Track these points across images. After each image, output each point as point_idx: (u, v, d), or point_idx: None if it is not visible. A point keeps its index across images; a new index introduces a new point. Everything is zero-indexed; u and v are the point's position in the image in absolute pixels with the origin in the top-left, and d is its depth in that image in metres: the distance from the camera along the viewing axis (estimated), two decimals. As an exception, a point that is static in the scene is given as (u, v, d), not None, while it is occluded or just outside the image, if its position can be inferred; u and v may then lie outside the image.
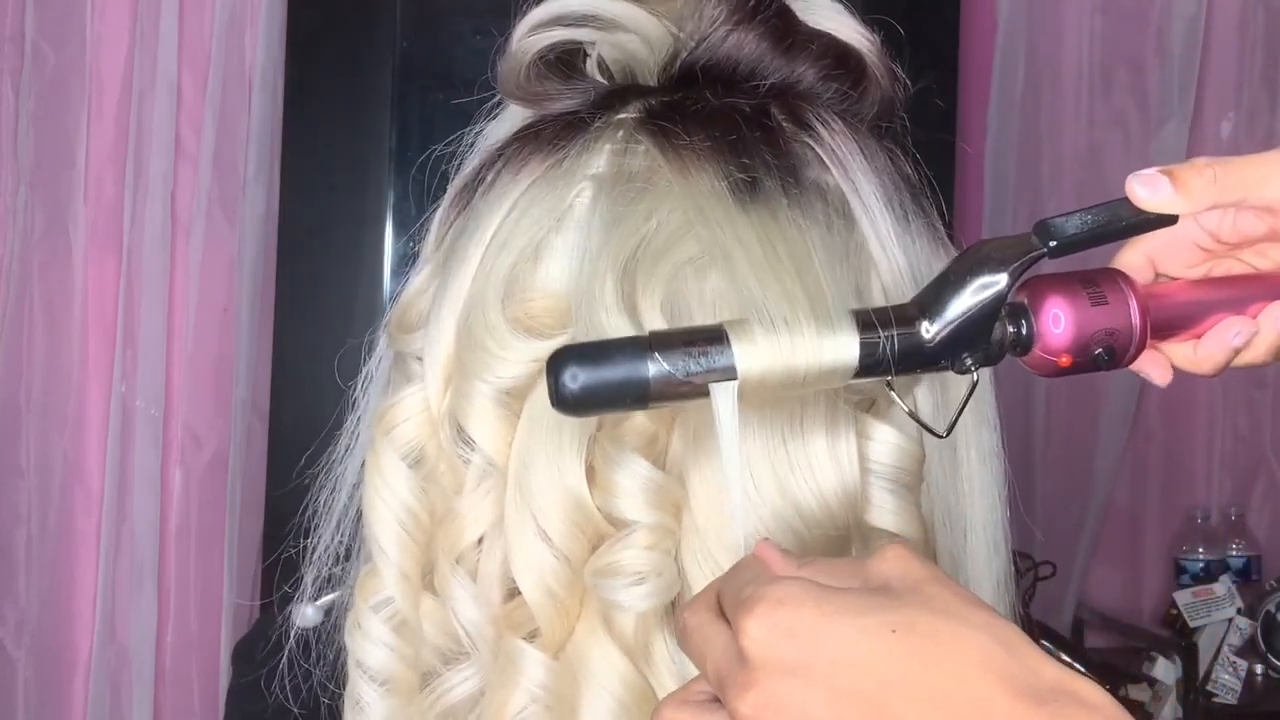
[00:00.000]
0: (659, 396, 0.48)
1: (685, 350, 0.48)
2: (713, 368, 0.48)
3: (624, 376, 0.47)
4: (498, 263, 0.56)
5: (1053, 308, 0.52)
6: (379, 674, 0.58)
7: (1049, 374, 0.53)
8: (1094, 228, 0.52)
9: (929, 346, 0.50)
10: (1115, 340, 0.52)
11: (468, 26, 1.95)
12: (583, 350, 0.48)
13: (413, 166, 0.75)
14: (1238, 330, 0.55)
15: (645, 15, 0.58)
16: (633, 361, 0.47)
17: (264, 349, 1.89)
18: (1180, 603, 2.17)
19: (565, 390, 0.47)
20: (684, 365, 0.48)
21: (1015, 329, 0.52)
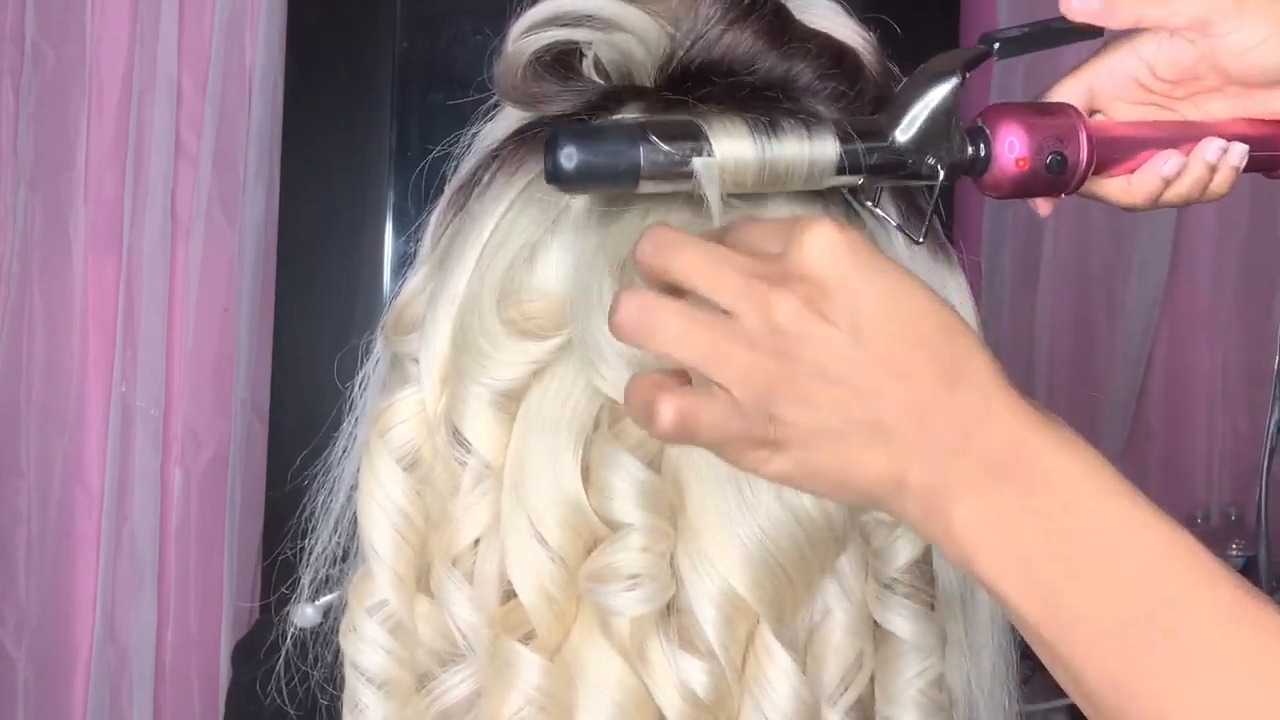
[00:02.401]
0: (650, 176, 0.51)
1: (676, 138, 0.51)
2: (698, 149, 0.51)
3: (616, 156, 0.50)
4: (493, 264, 0.56)
5: (1008, 124, 0.58)
6: (376, 676, 0.58)
7: (1006, 188, 0.59)
8: (1032, 34, 0.60)
9: (897, 146, 0.55)
10: (1065, 147, 0.58)
11: (468, 26, 1.94)
12: (578, 131, 0.51)
13: (412, 167, 0.76)
14: (1168, 160, 0.61)
15: (641, 15, 0.58)
16: (625, 143, 0.51)
17: (264, 349, 1.89)
18: (1181, 603, 2.17)
19: (562, 166, 0.50)
20: (676, 147, 0.51)
21: (974, 148, 0.58)
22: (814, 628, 0.55)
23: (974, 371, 0.46)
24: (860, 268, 0.45)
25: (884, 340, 0.45)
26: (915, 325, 0.45)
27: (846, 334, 0.45)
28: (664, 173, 0.51)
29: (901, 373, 0.45)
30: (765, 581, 0.53)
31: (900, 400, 0.45)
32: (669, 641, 0.53)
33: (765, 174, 0.52)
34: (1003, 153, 0.58)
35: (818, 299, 0.45)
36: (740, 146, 0.51)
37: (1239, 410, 2.26)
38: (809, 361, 0.45)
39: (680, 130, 0.51)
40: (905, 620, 0.56)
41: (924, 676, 0.56)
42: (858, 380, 0.45)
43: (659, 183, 0.51)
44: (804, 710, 0.53)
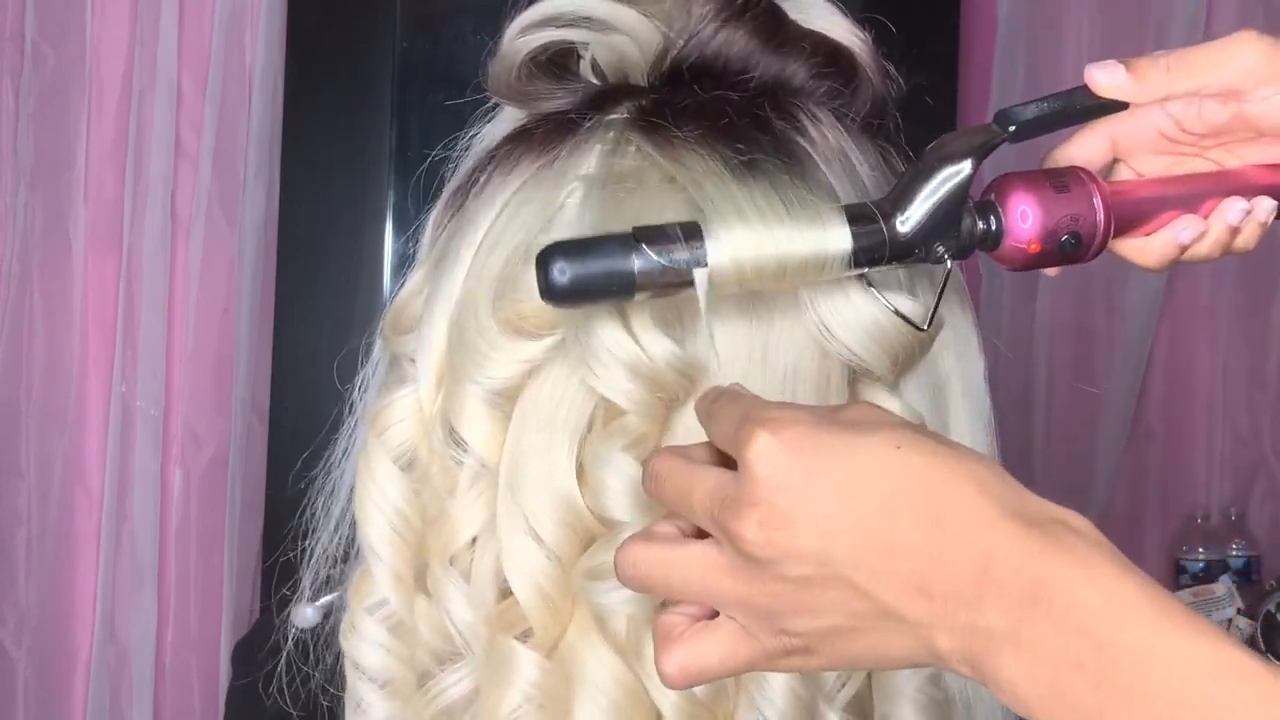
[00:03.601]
0: (645, 286, 0.49)
1: (667, 241, 0.49)
2: (694, 257, 0.49)
3: (609, 268, 0.49)
4: (489, 264, 0.57)
5: (1019, 200, 0.54)
6: (378, 675, 0.58)
7: (1019, 265, 0.55)
8: (1051, 112, 0.56)
9: (903, 238, 0.52)
10: (1081, 226, 0.54)
11: (468, 26, 1.95)
12: (569, 245, 0.50)
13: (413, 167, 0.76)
14: (1186, 227, 0.58)
15: (635, 15, 0.58)
16: (617, 254, 0.49)
17: (264, 349, 1.89)
18: (1180, 603, 2.17)
19: (555, 282, 0.49)
20: (669, 255, 0.49)
21: (985, 224, 0.54)
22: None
23: (962, 518, 0.43)
24: (808, 471, 0.44)
25: (853, 531, 0.43)
26: (883, 502, 0.43)
27: (814, 540, 0.43)
28: (661, 281, 0.49)
29: (885, 554, 0.43)
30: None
31: (896, 583, 0.43)
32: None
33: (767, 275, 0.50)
34: (1016, 226, 0.54)
35: (776, 519, 0.44)
36: (739, 246, 0.50)
37: (1239, 410, 2.26)
38: (790, 578, 0.44)
39: (675, 233, 0.50)
40: None
41: (921, 674, 0.56)
42: (844, 578, 0.43)
43: (657, 291, 0.50)
44: (800, 707, 0.53)
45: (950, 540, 0.43)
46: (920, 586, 0.43)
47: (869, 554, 0.43)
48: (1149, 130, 0.58)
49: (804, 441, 0.44)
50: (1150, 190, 0.58)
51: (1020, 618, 0.42)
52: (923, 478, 0.44)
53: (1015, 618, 0.42)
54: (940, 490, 0.43)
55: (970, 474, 0.44)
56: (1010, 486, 0.44)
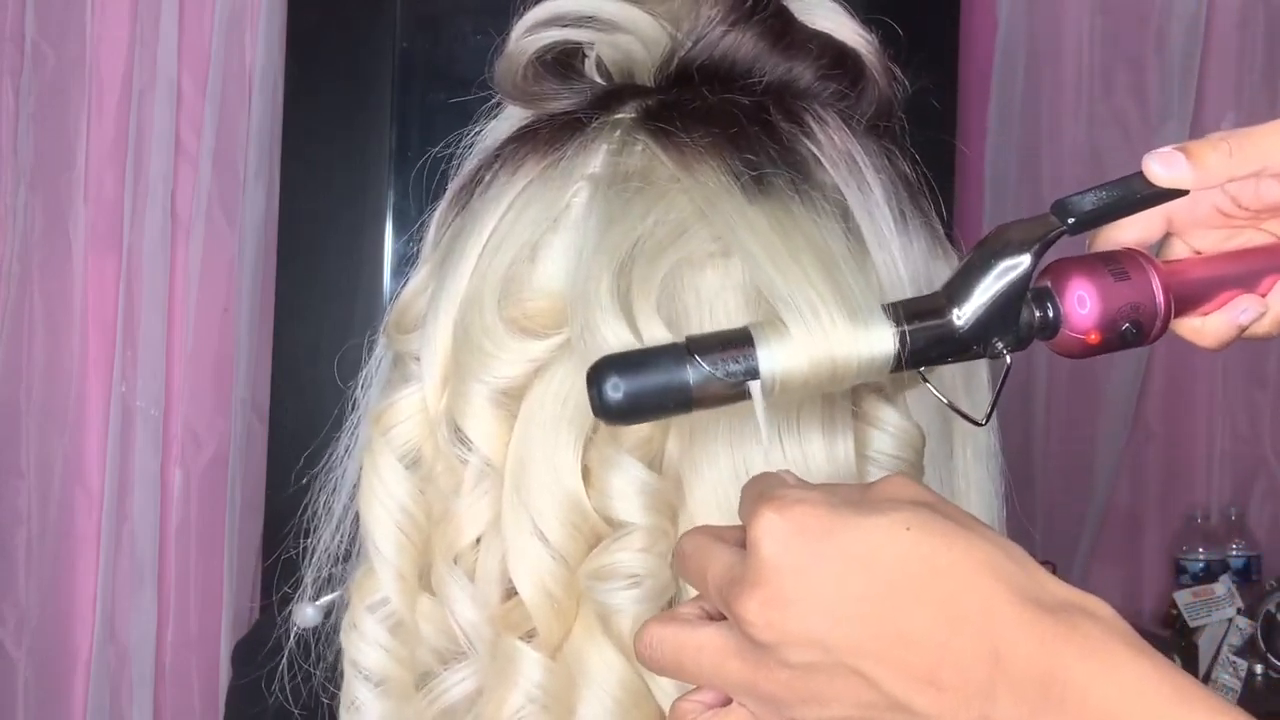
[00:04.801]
0: (702, 400, 0.48)
1: (723, 352, 0.48)
2: (751, 367, 0.48)
3: (665, 382, 0.47)
4: (494, 263, 0.56)
5: (1077, 288, 0.52)
6: (374, 674, 0.58)
7: (1078, 354, 0.53)
8: (1110, 202, 0.53)
9: (960, 334, 0.50)
10: (1141, 314, 0.52)
11: (468, 26, 1.95)
12: (622, 359, 0.48)
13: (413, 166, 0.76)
14: (1245, 308, 0.56)
15: (642, 15, 0.58)
16: (672, 366, 0.47)
17: (264, 349, 1.89)
18: (1180, 603, 2.17)
19: (609, 399, 0.47)
20: (723, 367, 0.48)
21: (1043, 312, 0.52)
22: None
23: (973, 605, 0.41)
24: (811, 550, 0.42)
25: (858, 617, 0.42)
26: (888, 585, 0.42)
27: (818, 625, 0.42)
28: (716, 395, 0.48)
29: (892, 643, 0.41)
30: (766, 580, 0.53)
31: (904, 673, 0.41)
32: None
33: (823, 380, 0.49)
34: (1074, 314, 0.52)
35: (778, 601, 0.42)
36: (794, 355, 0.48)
37: (1239, 410, 2.26)
38: (794, 664, 0.42)
39: (729, 341, 0.48)
40: None
41: None
42: (849, 665, 0.42)
43: (714, 403, 0.48)
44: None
45: (960, 628, 0.41)
46: (929, 677, 0.41)
47: (875, 641, 0.42)
48: (1206, 208, 0.56)
49: (810, 522, 0.43)
50: (1207, 270, 0.57)
51: (1034, 710, 0.40)
52: (932, 561, 0.42)
53: (1029, 710, 0.40)
54: (950, 575, 0.42)
55: (985, 558, 0.42)
56: (1027, 569, 0.43)
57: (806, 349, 0.48)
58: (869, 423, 0.55)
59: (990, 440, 0.62)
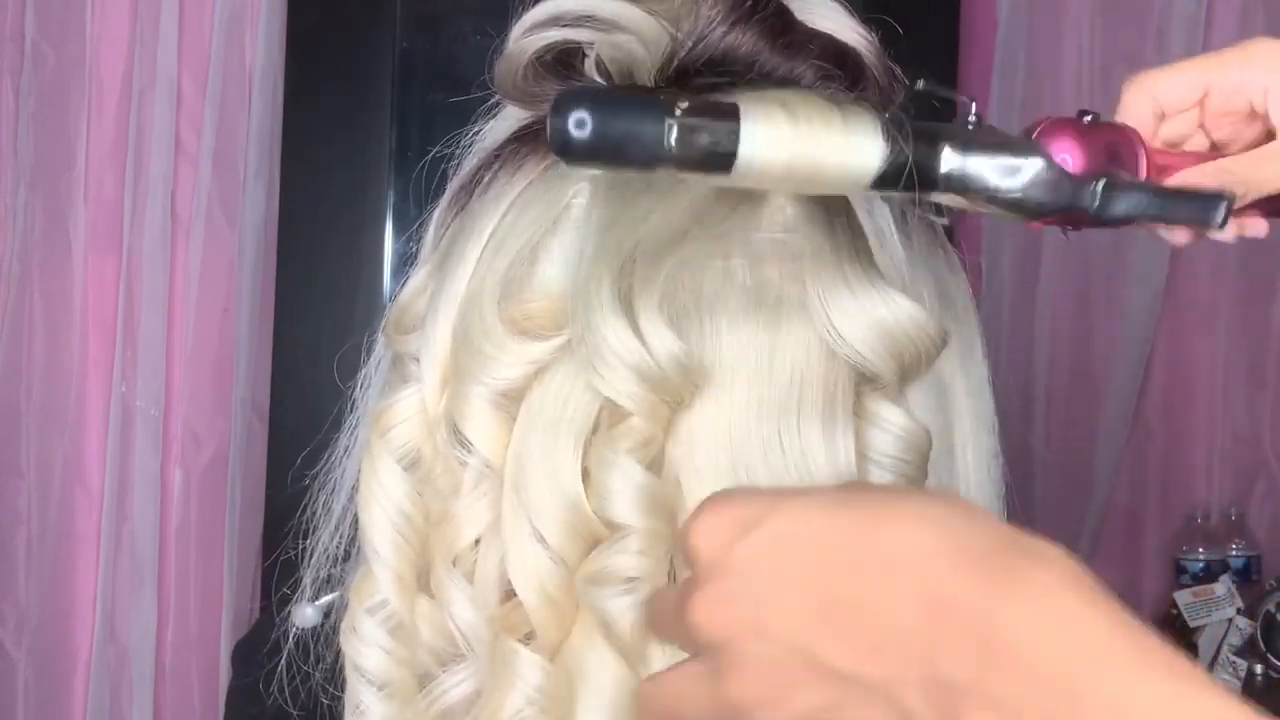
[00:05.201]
0: (670, 159, 0.44)
1: (703, 115, 0.45)
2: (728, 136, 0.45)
3: (637, 131, 0.44)
4: (494, 264, 0.56)
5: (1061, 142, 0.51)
6: (376, 677, 0.58)
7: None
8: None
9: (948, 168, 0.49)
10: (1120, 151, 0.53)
11: (468, 26, 1.94)
12: (598, 95, 0.45)
13: (412, 167, 0.75)
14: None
15: (642, 15, 0.58)
16: (647, 115, 0.44)
17: (264, 349, 1.89)
18: (1180, 603, 2.17)
19: (570, 136, 0.43)
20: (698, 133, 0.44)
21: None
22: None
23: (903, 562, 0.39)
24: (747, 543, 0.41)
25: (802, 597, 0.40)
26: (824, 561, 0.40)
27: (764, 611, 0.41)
28: (688, 158, 0.45)
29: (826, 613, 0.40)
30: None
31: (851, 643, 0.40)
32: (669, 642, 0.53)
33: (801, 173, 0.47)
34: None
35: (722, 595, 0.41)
36: (781, 137, 0.46)
37: (1239, 410, 2.26)
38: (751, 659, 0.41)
39: (712, 108, 0.45)
40: None
41: None
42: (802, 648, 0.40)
43: (680, 168, 0.45)
44: (805, 710, 0.53)
45: (894, 586, 0.39)
46: (872, 644, 0.39)
47: (808, 616, 0.40)
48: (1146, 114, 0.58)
49: (739, 510, 0.42)
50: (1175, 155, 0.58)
51: (981, 667, 0.37)
52: (858, 521, 0.40)
53: (975, 668, 0.37)
54: (881, 535, 0.40)
55: (917, 512, 0.40)
56: (968, 519, 0.40)
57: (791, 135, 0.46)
58: (871, 422, 0.55)
59: (991, 441, 0.62)
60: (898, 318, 0.54)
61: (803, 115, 0.46)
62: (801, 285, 0.54)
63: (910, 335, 0.54)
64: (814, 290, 0.54)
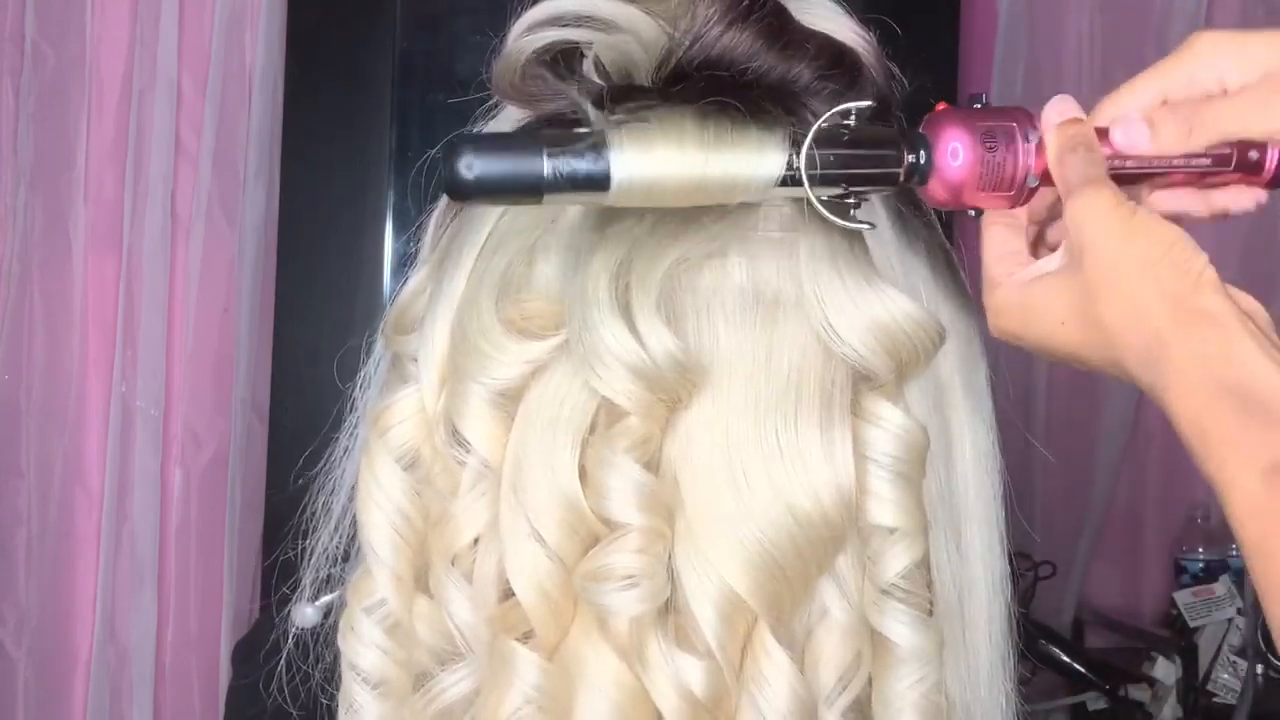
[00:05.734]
0: (552, 189, 0.50)
1: (575, 151, 0.50)
2: (599, 167, 0.50)
3: (517, 170, 0.50)
4: (492, 264, 0.56)
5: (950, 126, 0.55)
6: (372, 676, 0.58)
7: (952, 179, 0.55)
8: None
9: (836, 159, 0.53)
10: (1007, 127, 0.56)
11: (468, 26, 1.95)
12: (481, 140, 0.50)
13: (413, 167, 0.75)
14: None
15: (640, 15, 0.58)
16: (527, 154, 0.50)
17: (264, 349, 1.89)
18: (1180, 603, 2.16)
19: (460, 177, 0.49)
20: (573, 165, 0.50)
21: (915, 155, 0.55)
22: (811, 628, 0.55)
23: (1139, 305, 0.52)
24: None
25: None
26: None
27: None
28: (569, 185, 0.50)
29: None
30: (763, 581, 0.53)
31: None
32: (667, 641, 0.53)
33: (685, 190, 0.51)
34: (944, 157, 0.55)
35: None
36: (651, 161, 0.51)
37: (1239, 410, 2.25)
38: None
39: (585, 141, 0.51)
40: (903, 627, 0.56)
41: (923, 684, 0.56)
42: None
43: (565, 195, 0.51)
44: (801, 709, 0.53)
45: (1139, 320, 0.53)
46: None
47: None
48: None
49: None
50: None
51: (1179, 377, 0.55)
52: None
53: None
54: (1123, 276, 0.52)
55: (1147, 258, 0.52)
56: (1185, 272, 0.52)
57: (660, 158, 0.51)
58: (869, 420, 0.55)
59: (989, 440, 0.62)
60: (894, 315, 0.54)
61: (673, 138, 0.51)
62: (798, 284, 0.55)
63: (908, 333, 0.55)
64: (810, 289, 0.54)
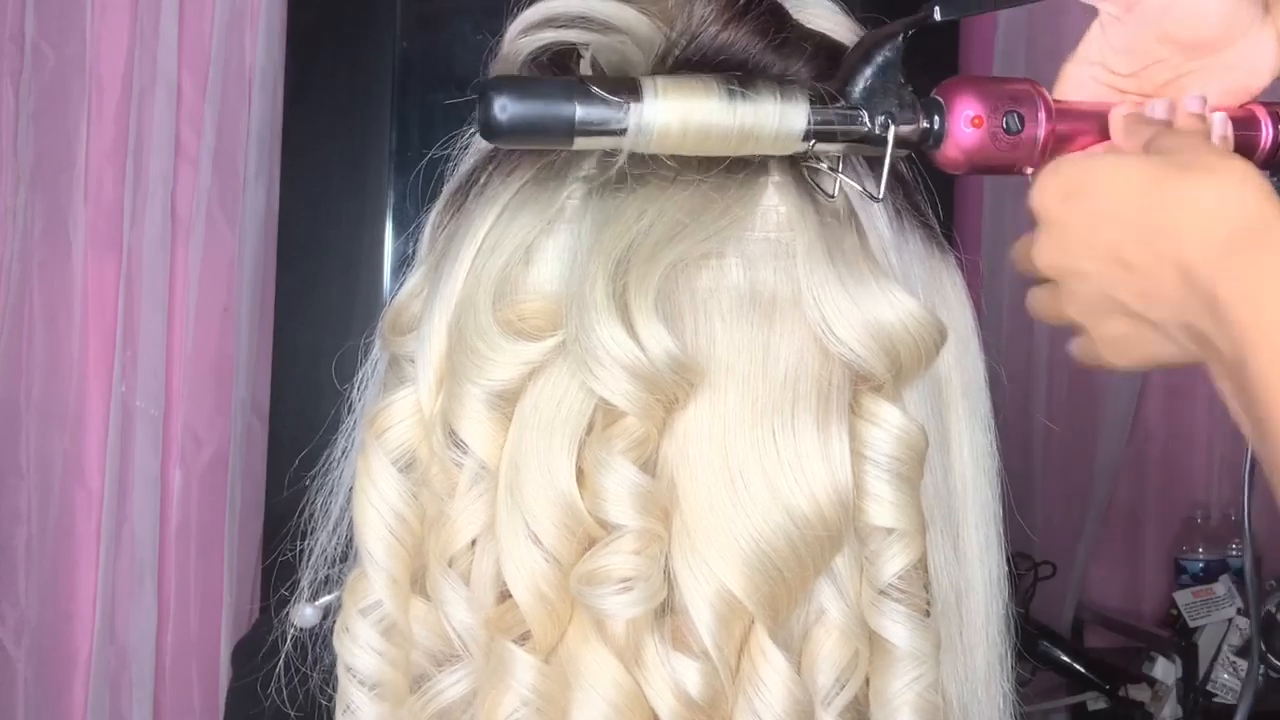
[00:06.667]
0: (585, 133, 0.52)
1: (614, 89, 0.52)
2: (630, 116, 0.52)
3: (551, 108, 0.51)
4: (489, 265, 0.56)
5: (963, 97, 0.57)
6: (368, 678, 0.58)
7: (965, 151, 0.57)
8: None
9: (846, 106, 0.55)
10: (1022, 108, 0.57)
11: (468, 26, 1.95)
12: (515, 82, 0.51)
13: (412, 167, 0.75)
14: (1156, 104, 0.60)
15: (636, 15, 0.58)
16: (561, 96, 0.51)
17: (264, 349, 1.89)
18: (1180, 603, 2.17)
19: (495, 118, 0.51)
20: (605, 107, 0.51)
21: (929, 119, 0.57)
22: (808, 628, 0.55)
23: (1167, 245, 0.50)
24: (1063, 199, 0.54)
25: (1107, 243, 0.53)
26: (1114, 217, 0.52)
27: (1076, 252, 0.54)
28: (600, 129, 0.51)
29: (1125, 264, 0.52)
30: (760, 582, 0.53)
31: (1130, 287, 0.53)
32: (663, 642, 0.53)
33: (713, 137, 0.52)
34: (958, 121, 0.57)
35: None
36: (686, 106, 0.52)
37: (1239, 410, 2.26)
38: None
39: (620, 86, 0.52)
40: (900, 627, 0.56)
41: (920, 682, 0.56)
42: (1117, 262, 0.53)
43: (596, 138, 0.52)
44: (798, 711, 0.53)
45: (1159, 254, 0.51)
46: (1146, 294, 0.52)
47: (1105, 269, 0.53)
48: (1090, 85, 0.62)
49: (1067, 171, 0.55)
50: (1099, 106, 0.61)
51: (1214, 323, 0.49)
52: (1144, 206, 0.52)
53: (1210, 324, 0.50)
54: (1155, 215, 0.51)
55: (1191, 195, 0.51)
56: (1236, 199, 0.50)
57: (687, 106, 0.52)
58: (867, 420, 0.55)
59: (987, 439, 0.62)
60: (896, 314, 0.54)
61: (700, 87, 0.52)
62: (795, 284, 0.55)
63: (909, 332, 0.55)
64: (808, 289, 0.54)
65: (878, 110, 0.55)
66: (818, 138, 0.54)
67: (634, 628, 0.53)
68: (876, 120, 0.55)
